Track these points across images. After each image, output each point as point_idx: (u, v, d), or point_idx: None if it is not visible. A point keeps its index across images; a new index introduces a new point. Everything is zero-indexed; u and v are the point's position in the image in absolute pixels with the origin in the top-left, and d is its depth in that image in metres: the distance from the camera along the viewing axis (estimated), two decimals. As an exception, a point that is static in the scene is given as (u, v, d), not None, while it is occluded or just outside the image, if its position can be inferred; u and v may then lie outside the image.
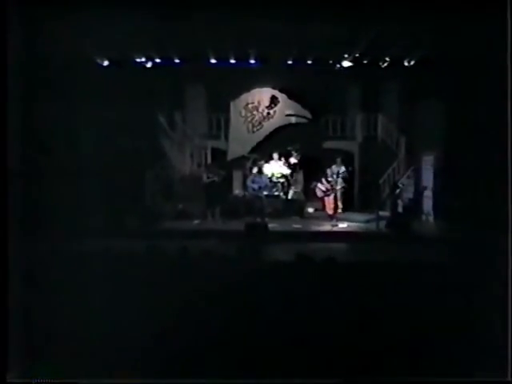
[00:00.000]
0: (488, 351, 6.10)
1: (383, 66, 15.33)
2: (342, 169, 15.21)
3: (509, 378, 6.16)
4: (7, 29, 7.27)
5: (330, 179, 14.86)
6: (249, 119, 16.54)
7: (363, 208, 15.72)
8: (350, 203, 15.98)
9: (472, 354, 6.00)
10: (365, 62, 15.24)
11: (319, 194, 14.91)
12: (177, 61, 15.09)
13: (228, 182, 15.91)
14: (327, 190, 14.77)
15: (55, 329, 6.24)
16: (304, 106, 16.40)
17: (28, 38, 8.73)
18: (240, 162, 16.33)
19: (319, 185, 14.89)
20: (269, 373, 5.93)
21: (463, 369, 5.89)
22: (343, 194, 15.34)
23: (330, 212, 14.80)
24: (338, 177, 15.05)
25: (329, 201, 14.84)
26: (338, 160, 15.37)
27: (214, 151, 16.58)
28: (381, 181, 15.72)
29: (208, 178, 14.98)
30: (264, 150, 16.22)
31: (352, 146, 16.83)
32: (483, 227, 10.83)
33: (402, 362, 5.96)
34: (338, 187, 14.92)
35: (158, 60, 15.09)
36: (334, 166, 15.21)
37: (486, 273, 7.02)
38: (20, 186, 8.54)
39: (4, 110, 6.92)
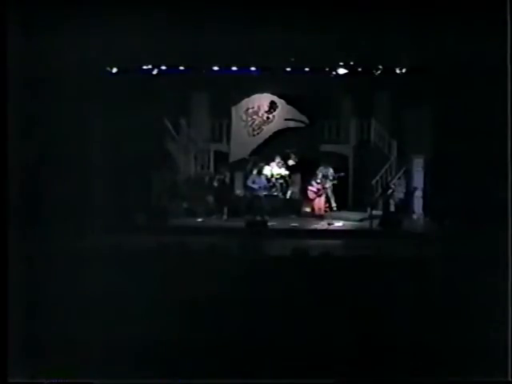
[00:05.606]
0: (488, 351, 6.21)
1: (376, 74, 15.41)
2: (331, 171, 15.76)
3: (509, 379, 6.20)
4: (17, 34, 7.64)
5: (319, 181, 15.47)
6: (249, 123, 16.76)
7: (357, 207, 15.97)
8: (344, 203, 16.33)
9: (472, 354, 6.13)
10: (359, 69, 15.42)
11: (311, 195, 15.45)
12: (181, 68, 15.28)
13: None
14: (318, 190, 15.36)
15: (56, 328, 6.35)
16: (301, 111, 16.57)
17: (36, 44, 9.26)
18: (241, 163, 16.56)
19: (310, 187, 15.47)
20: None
21: (463, 369, 6.01)
22: (333, 194, 15.85)
23: (321, 212, 15.36)
24: (326, 179, 15.64)
25: (319, 201, 15.42)
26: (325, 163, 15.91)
27: (217, 154, 16.94)
28: (374, 182, 15.87)
29: (218, 177, 15.60)
30: (264, 153, 16.45)
31: (346, 150, 17.02)
32: (470, 225, 11.35)
33: (399, 361, 6.10)
34: (327, 186, 15.50)
35: (163, 67, 15.25)
36: (321, 168, 15.74)
37: (478, 269, 7.26)
38: (32, 186, 9.11)
39: (12, 115, 7.14)
